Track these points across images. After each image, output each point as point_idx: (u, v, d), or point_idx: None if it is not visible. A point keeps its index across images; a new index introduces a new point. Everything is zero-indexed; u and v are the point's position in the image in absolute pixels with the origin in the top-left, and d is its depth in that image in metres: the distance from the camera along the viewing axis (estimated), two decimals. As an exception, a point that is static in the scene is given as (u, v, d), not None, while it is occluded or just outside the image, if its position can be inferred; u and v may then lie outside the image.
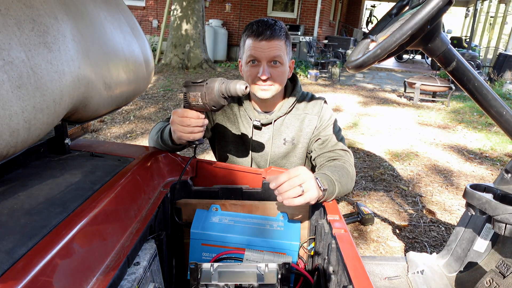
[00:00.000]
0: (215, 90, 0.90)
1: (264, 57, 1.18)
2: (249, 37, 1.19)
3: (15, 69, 0.57)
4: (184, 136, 1.00)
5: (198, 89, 0.93)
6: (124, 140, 4.07)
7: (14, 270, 0.54)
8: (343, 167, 1.15)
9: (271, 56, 1.18)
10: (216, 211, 1.11)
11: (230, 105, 1.37)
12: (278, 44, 1.18)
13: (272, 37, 1.16)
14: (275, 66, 1.20)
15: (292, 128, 1.34)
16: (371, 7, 17.43)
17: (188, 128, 0.98)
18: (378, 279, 1.39)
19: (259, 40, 1.17)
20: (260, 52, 1.18)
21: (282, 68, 1.22)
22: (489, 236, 1.21)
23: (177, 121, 0.99)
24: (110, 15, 0.91)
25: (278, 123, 1.34)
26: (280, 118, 1.33)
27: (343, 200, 2.91)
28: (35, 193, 0.76)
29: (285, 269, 0.93)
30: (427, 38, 0.79)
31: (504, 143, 4.41)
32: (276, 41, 1.17)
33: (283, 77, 1.25)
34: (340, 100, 6.69)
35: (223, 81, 0.91)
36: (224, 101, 0.93)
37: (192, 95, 0.94)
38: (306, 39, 9.87)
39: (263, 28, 1.16)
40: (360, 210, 1.36)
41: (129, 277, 0.75)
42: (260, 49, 1.18)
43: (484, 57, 12.10)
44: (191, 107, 0.98)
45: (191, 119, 0.97)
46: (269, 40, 1.17)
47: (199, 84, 0.93)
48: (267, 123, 1.34)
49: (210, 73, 8.43)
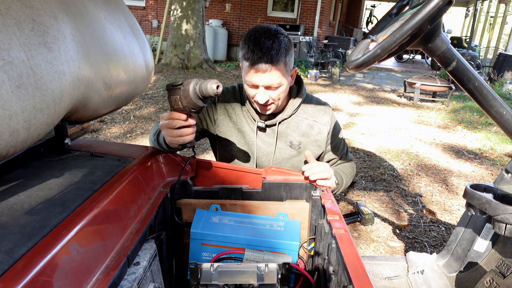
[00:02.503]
0: (190, 92, 0.88)
1: (261, 84, 1.17)
2: (245, 60, 1.15)
3: (15, 69, 0.57)
4: (173, 140, 0.98)
5: (177, 92, 0.90)
6: (124, 140, 4.07)
7: (14, 270, 0.54)
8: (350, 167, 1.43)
9: (268, 84, 1.16)
10: (216, 211, 1.10)
11: (232, 105, 1.37)
12: (275, 71, 1.14)
13: (267, 68, 1.12)
14: (274, 89, 1.19)
15: (298, 132, 1.34)
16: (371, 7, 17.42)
17: (176, 131, 0.96)
18: (378, 279, 1.39)
19: (254, 71, 1.13)
20: (257, 81, 1.16)
21: (281, 88, 1.20)
22: (489, 236, 1.21)
23: (164, 125, 0.97)
24: (110, 15, 0.91)
25: (284, 125, 1.33)
26: (286, 120, 1.33)
27: (343, 200, 2.91)
28: (35, 193, 0.76)
29: (285, 269, 0.93)
30: (427, 38, 0.79)
31: (504, 143, 4.41)
32: (273, 69, 1.13)
33: (283, 95, 1.23)
34: (340, 100, 6.69)
35: (198, 82, 0.88)
36: (201, 103, 0.89)
37: (173, 98, 0.92)
38: (306, 39, 9.87)
39: (258, 56, 1.10)
40: (360, 210, 1.36)
41: (129, 277, 0.75)
42: (256, 78, 1.15)
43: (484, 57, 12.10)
44: (175, 110, 0.95)
45: (176, 121, 0.95)
46: (264, 71, 1.13)
47: (177, 87, 0.91)
48: (271, 125, 1.33)
49: (210, 73, 8.43)
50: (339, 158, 1.43)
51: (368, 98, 7.02)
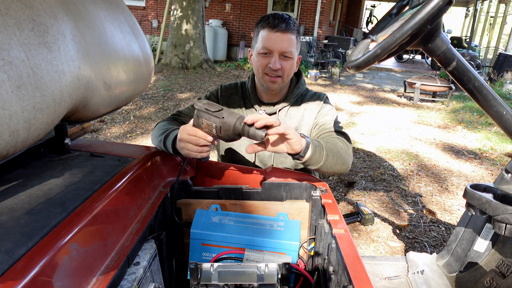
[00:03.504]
0: (232, 127, 0.87)
1: (277, 48, 1.23)
2: (264, 28, 1.24)
3: (15, 69, 0.57)
4: (191, 154, 0.98)
5: (213, 119, 0.89)
6: (124, 140, 4.07)
7: (14, 270, 0.54)
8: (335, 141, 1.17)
9: (283, 48, 1.23)
10: (216, 211, 1.10)
11: (234, 100, 1.40)
12: (291, 38, 1.23)
13: (286, 30, 1.21)
14: (285, 59, 1.25)
15: (295, 119, 1.37)
16: (371, 7, 17.42)
17: (196, 148, 0.96)
18: (378, 279, 1.39)
19: (274, 31, 1.22)
20: (273, 44, 1.22)
21: (291, 62, 1.26)
22: (489, 236, 1.21)
23: (186, 139, 0.97)
24: (110, 15, 0.91)
25: (283, 114, 1.36)
26: (285, 108, 1.36)
27: (343, 200, 2.91)
28: (35, 193, 0.75)
29: (285, 269, 0.93)
30: (427, 38, 0.79)
31: (504, 143, 4.41)
32: (289, 35, 1.22)
33: (291, 70, 1.29)
34: (340, 100, 6.69)
35: (241, 120, 0.87)
36: (238, 138, 0.90)
37: (206, 122, 0.91)
38: (306, 39, 9.85)
39: (279, 20, 1.21)
40: (360, 210, 1.36)
41: (129, 277, 0.75)
42: (274, 40, 1.22)
43: (484, 57, 12.10)
44: (202, 130, 0.94)
45: (201, 140, 0.95)
46: (283, 33, 1.21)
47: (214, 114, 0.89)
48: (272, 113, 1.35)
49: (210, 73, 8.42)
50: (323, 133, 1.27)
51: (368, 98, 7.02)
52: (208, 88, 6.77)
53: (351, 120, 5.35)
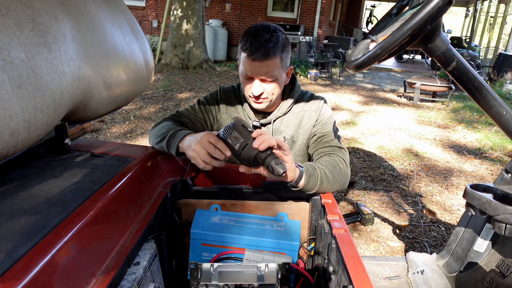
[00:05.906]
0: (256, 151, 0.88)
1: (256, 75, 1.18)
2: (244, 51, 1.17)
3: (15, 69, 0.57)
4: (198, 161, 0.96)
5: (244, 136, 0.89)
6: (124, 140, 4.07)
7: (14, 270, 0.54)
8: (335, 162, 1.17)
9: (262, 75, 1.17)
10: (216, 211, 1.10)
11: (233, 104, 1.39)
12: (271, 63, 1.16)
13: (265, 57, 1.13)
14: (268, 82, 1.20)
15: (291, 127, 1.35)
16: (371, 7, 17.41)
17: (207, 158, 0.94)
18: (378, 279, 1.39)
19: (251, 60, 1.15)
20: (252, 72, 1.17)
21: (275, 83, 1.21)
22: (489, 236, 1.21)
23: (204, 145, 0.94)
24: (110, 15, 0.91)
25: (278, 123, 1.35)
26: (279, 118, 1.34)
27: (343, 200, 2.91)
28: (35, 193, 0.76)
29: (285, 269, 0.93)
30: (427, 38, 0.79)
31: (504, 143, 4.41)
32: (269, 61, 1.15)
33: (277, 90, 1.24)
34: (340, 100, 6.69)
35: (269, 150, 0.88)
36: (253, 163, 0.90)
37: (235, 135, 0.90)
38: (306, 39, 9.86)
39: (256, 46, 1.13)
40: (360, 210, 1.36)
41: (129, 277, 0.75)
42: (253, 68, 1.16)
43: (484, 57, 12.09)
44: (224, 141, 0.93)
45: (218, 152, 0.93)
46: (261, 61, 1.14)
47: (247, 132, 0.90)
48: (266, 123, 1.34)
49: (210, 73, 8.42)
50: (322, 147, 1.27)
51: (368, 98, 7.02)
52: (208, 88, 6.77)
53: (351, 120, 5.35)
